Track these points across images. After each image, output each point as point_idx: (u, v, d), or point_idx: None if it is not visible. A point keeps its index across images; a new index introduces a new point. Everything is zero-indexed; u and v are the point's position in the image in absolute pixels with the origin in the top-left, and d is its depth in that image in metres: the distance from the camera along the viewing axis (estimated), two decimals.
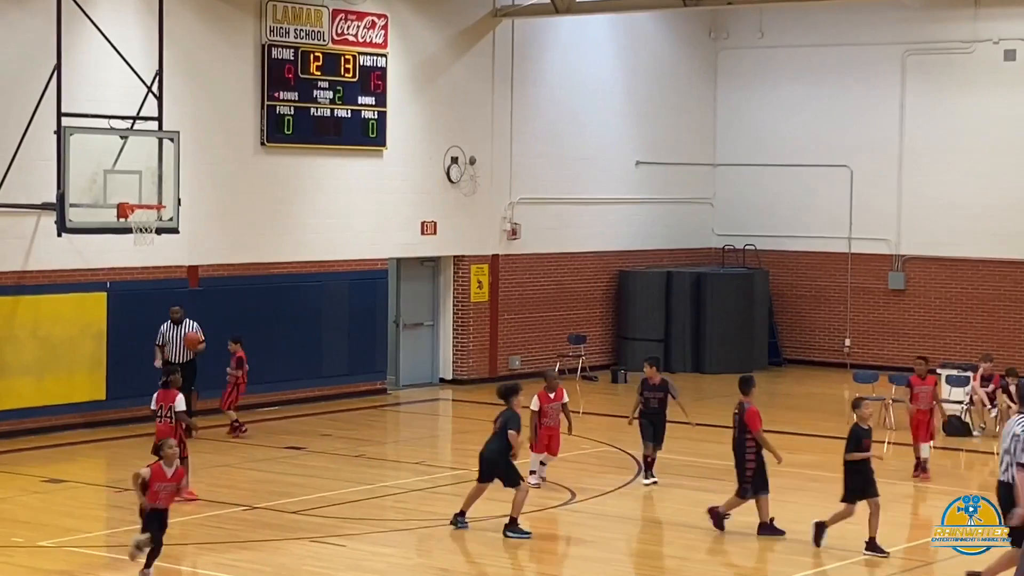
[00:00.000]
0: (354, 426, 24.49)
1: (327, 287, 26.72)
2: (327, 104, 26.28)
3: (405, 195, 27.89)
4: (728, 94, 33.76)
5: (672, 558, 16.09)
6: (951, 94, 31.12)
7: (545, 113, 30.37)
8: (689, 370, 31.40)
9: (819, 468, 21.42)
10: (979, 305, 30.93)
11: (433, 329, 29.27)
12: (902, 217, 31.73)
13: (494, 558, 15.95)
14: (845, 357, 32.05)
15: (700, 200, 33.79)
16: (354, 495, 18.91)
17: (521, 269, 30.02)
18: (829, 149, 32.30)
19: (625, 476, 20.49)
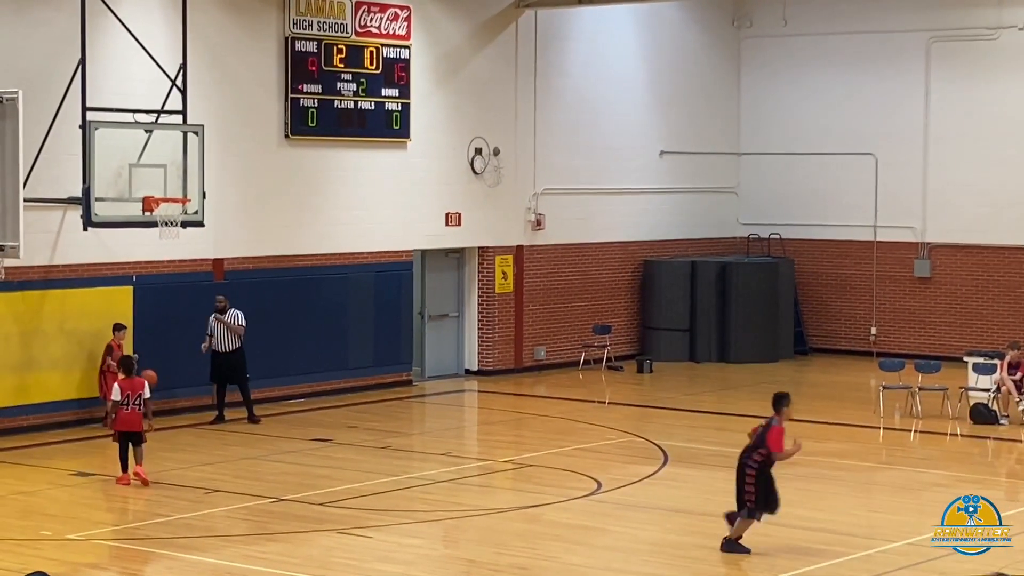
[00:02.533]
0: (380, 418, 24.53)
1: (352, 279, 26.76)
2: (351, 96, 26.31)
3: (429, 186, 27.91)
4: (752, 83, 33.69)
5: (699, 548, 16.08)
6: (976, 81, 31.01)
7: (568, 103, 30.35)
8: (715, 360, 31.36)
9: (845, 456, 21.41)
10: (1006, 292, 30.83)
11: (458, 320, 29.30)
12: (927, 204, 31.64)
13: (520, 549, 15.97)
14: (871, 345, 31.97)
15: (724, 189, 33.74)
16: (381, 486, 18.95)
17: (546, 260, 30.02)
18: (854, 137, 32.22)
19: (651, 466, 20.49)
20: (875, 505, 18.83)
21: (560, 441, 22.39)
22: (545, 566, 15.27)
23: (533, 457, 21.06)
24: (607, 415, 25.28)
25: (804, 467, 20.56)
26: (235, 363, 23.63)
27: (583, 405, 26.11)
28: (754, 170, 33.69)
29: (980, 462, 22.26)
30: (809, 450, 20.65)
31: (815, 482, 19.60)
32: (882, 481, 20.33)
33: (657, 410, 25.75)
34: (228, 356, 23.60)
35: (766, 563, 15.36)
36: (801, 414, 24.88)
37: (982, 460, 22.48)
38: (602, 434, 22.95)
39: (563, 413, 25.14)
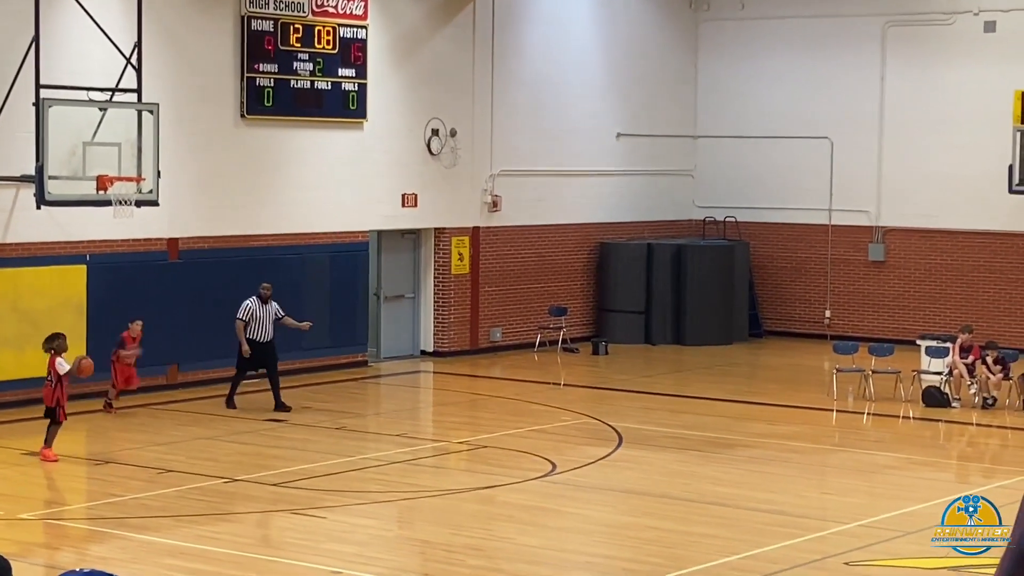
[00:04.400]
0: (335, 398, 24.50)
1: (308, 259, 26.70)
2: (307, 76, 26.22)
3: (386, 167, 27.86)
4: (709, 66, 33.75)
5: (652, 529, 16.13)
6: (931, 66, 31.15)
7: (526, 85, 30.34)
8: (670, 342, 31.45)
9: (799, 439, 21.50)
10: (959, 277, 31.02)
11: (414, 301, 29.28)
12: (882, 189, 31.78)
13: (475, 530, 15.98)
14: (825, 328, 32.12)
15: (681, 172, 33.80)
16: (335, 467, 18.93)
17: (502, 241, 30.02)
18: (810, 121, 32.33)
19: (606, 448, 20.54)
20: (828, 487, 18.94)
21: (515, 422, 22.42)
22: (499, 547, 15.28)
23: (488, 438, 21.08)
24: (562, 397, 25.33)
25: (758, 449, 20.66)
26: (270, 351, 23.11)
27: (538, 387, 26.14)
28: (710, 153, 33.77)
29: (932, 445, 22.41)
30: (763, 432, 20.79)
31: (769, 464, 19.69)
32: (835, 463, 20.44)
33: (612, 392, 25.81)
34: (264, 345, 23.09)
35: (719, 545, 15.41)
36: (755, 396, 25.04)
37: (934, 443, 22.63)
38: (557, 416, 22.98)
39: (518, 394, 25.17)
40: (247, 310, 23.11)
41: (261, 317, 23.12)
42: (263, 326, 23.12)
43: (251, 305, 23.12)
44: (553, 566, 14.94)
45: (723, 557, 14.91)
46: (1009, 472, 19.03)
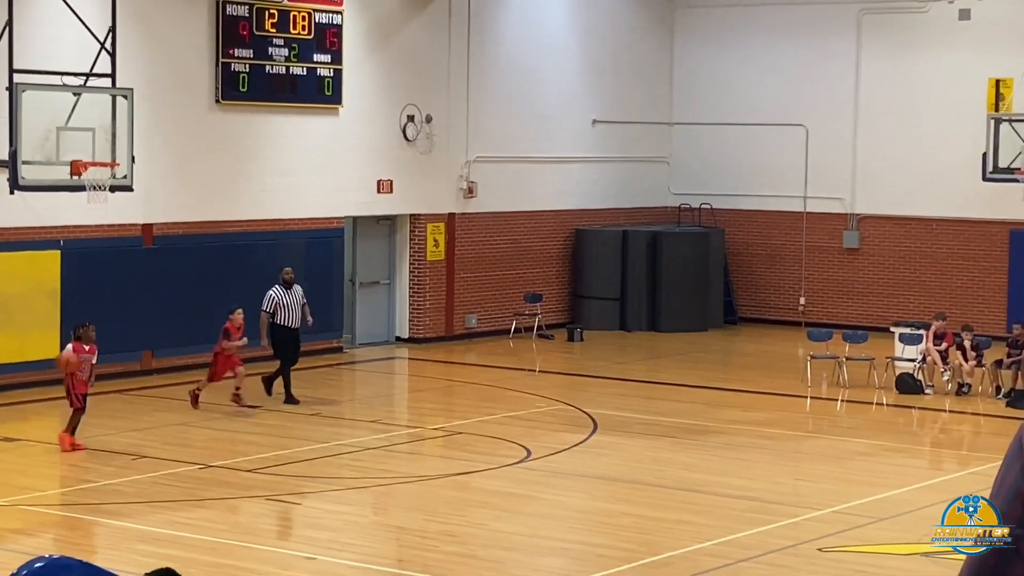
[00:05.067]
0: (310, 384, 24.46)
1: (283, 245, 26.64)
2: (282, 62, 26.16)
3: (361, 153, 27.82)
4: (684, 53, 33.76)
5: (626, 515, 16.17)
6: (906, 54, 31.21)
7: (501, 71, 30.32)
8: (644, 329, 31.48)
9: (773, 425, 21.55)
10: (932, 264, 31.11)
11: (389, 288, 29.26)
12: (857, 176, 31.85)
13: (449, 516, 16.00)
14: (799, 315, 32.18)
15: (656, 159, 33.82)
16: (310, 453, 18.92)
17: (477, 228, 30.01)
18: (785, 108, 32.37)
19: (580, 434, 20.56)
20: (802, 473, 18.99)
21: (490, 409, 22.43)
22: (473, 533, 15.30)
23: (463, 424, 21.09)
24: (537, 383, 25.34)
25: (732, 436, 20.72)
26: (298, 339, 22.67)
27: (513, 373, 26.16)
28: (686, 140, 33.79)
29: (905, 431, 22.50)
30: (737, 419, 20.85)
31: (743, 451, 19.75)
32: (809, 450, 20.50)
33: (587, 378, 25.85)
34: (295, 332, 22.57)
35: (693, 531, 15.46)
36: (729, 383, 25.10)
37: (907, 429, 22.71)
38: (532, 402, 23.00)
39: (493, 381, 25.18)
40: (271, 301, 22.47)
41: (289, 303, 22.51)
42: (293, 312, 22.48)
43: (275, 295, 22.55)
44: (527, 552, 14.97)
45: (697, 543, 14.96)
46: (982, 459, 19.11)
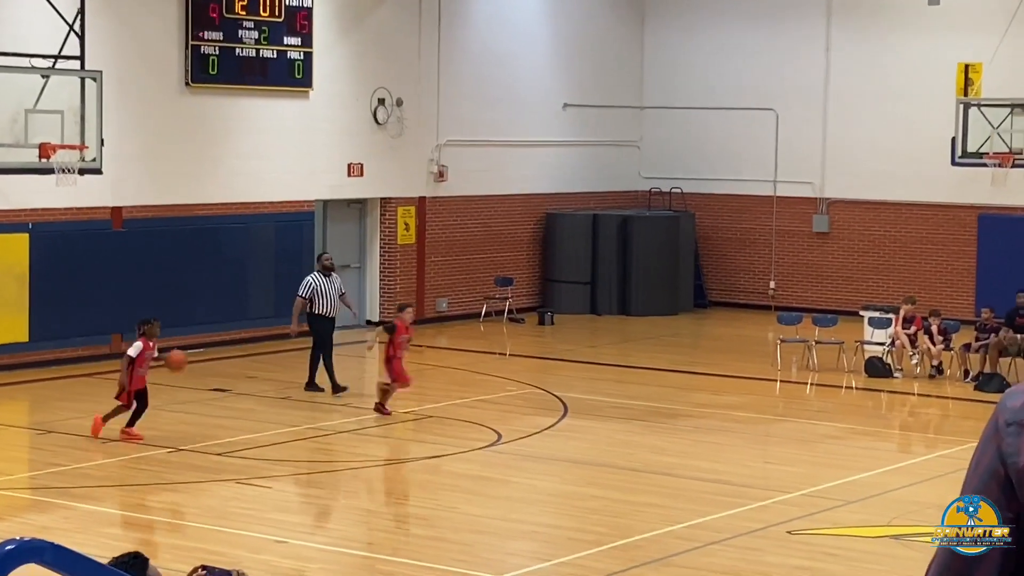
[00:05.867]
0: (280, 368, 24.43)
1: (253, 229, 26.59)
2: (252, 44, 26.07)
3: (331, 137, 27.76)
4: (655, 37, 33.77)
5: (597, 498, 16.21)
6: (876, 38, 31.26)
7: (472, 55, 30.28)
8: (615, 312, 31.51)
9: (743, 409, 21.62)
10: (901, 248, 31.21)
11: (360, 271, 29.22)
12: (826, 160, 31.92)
13: (420, 499, 16.01)
14: (769, 299, 32.26)
15: (627, 143, 33.84)
16: (280, 437, 18.89)
17: (448, 211, 29.99)
18: (755, 92, 32.40)
19: (551, 418, 20.59)
20: (771, 457, 19.06)
21: (461, 392, 22.44)
22: (445, 516, 15.32)
23: (434, 408, 21.09)
24: (508, 367, 25.36)
25: (702, 419, 20.78)
26: (333, 328, 22.14)
27: (484, 357, 26.17)
28: (656, 124, 33.82)
29: (874, 415, 22.58)
30: (707, 402, 20.91)
31: (713, 434, 19.80)
32: (779, 433, 20.58)
33: (557, 362, 25.88)
34: (331, 320, 22.08)
35: (663, 514, 15.51)
36: (700, 367, 25.16)
37: (876, 413, 22.80)
38: (503, 386, 23.01)
39: (464, 365, 25.18)
40: (308, 287, 21.98)
41: (327, 290, 21.96)
42: (330, 299, 21.94)
43: (313, 281, 22.04)
44: (498, 535, 15.00)
45: (667, 526, 15.01)
46: (950, 442, 19.20)
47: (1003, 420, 2.89)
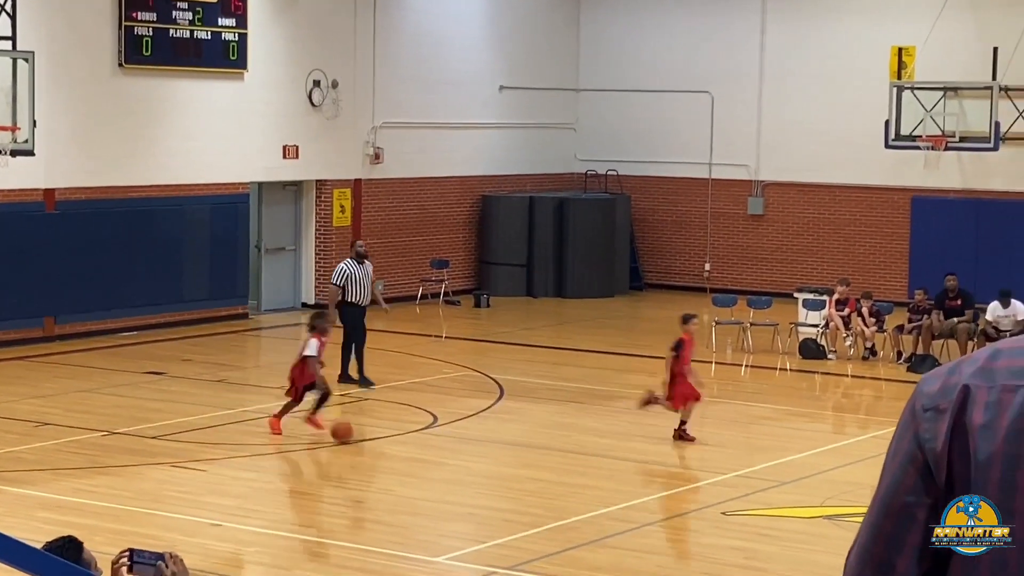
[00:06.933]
0: (215, 351, 24.34)
1: (188, 211, 26.44)
2: (186, 25, 25.89)
3: (266, 118, 27.63)
4: (591, 19, 33.79)
5: (533, 480, 16.24)
6: (810, 20, 31.40)
7: (408, 37, 30.19)
8: (551, 295, 31.55)
9: None
10: (835, 230, 31.41)
11: (295, 254, 29.12)
12: (761, 143, 32.07)
13: (356, 482, 16.00)
14: (704, 281, 32.39)
15: (563, 125, 33.87)
16: (215, 420, 18.82)
17: (384, 194, 29.92)
18: (690, 75, 32.49)
19: (487, 400, 20.61)
20: (706, 438, 19.10)
21: (397, 375, 22.40)
22: (380, 499, 15.32)
23: (369, 390, 21.05)
24: (444, 349, 25.36)
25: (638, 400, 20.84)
26: (364, 316, 21.41)
27: (420, 339, 26.15)
28: (592, 106, 33.86)
29: (808, 396, 22.73)
30: (644, 384, 20.93)
31: (648, 416, 19.86)
32: (714, 414, 20.64)
33: (493, 344, 25.90)
34: (363, 310, 21.33)
35: (599, 496, 15.56)
36: (635, 349, 25.24)
37: (810, 394, 22.95)
38: (439, 368, 23.00)
39: (400, 347, 25.14)
40: (342, 274, 21.25)
41: (360, 278, 21.26)
42: (362, 288, 21.28)
43: (347, 268, 21.30)
44: (434, 517, 15.01)
45: (603, 508, 15.06)
46: (883, 423, 19.35)
47: (920, 405, 2.91)
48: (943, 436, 2.83)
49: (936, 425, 2.85)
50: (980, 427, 2.79)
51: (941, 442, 2.83)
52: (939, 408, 2.85)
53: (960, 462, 2.81)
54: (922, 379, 2.93)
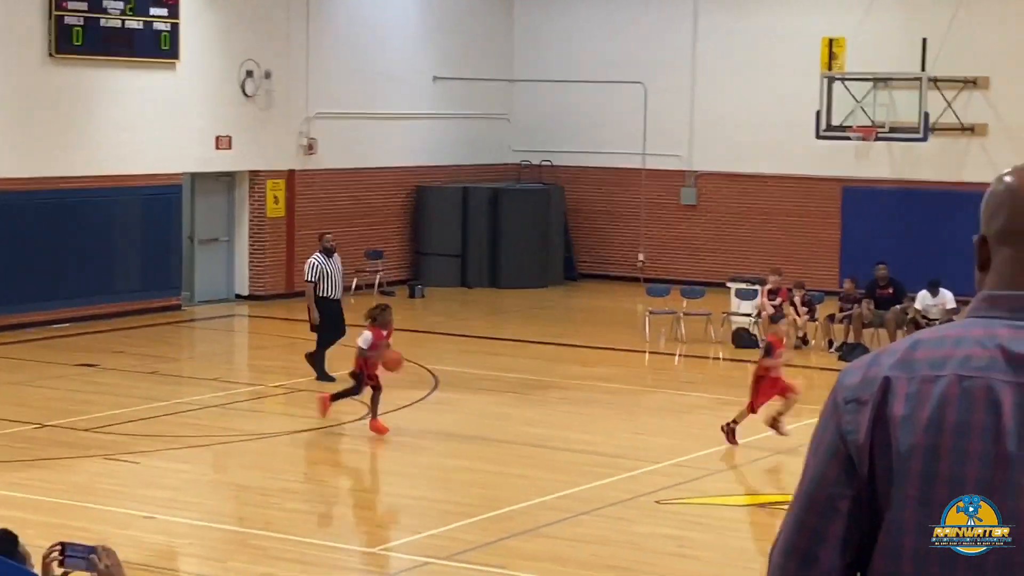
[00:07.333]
0: (148, 342, 24.22)
1: (120, 202, 26.28)
2: (118, 15, 25.73)
3: (199, 109, 27.49)
4: (524, 10, 33.82)
5: (468, 471, 16.28)
6: (742, 11, 31.55)
7: (342, 27, 30.12)
8: (486, 285, 31.59)
9: (613, 380, 21.79)
10: (768, 220, 31.59)
11: (229, 245, 29.01)
12: (694, 133, 32.21)
13: (290, 473, 15.98)
14: (638, 271, 32.51)
15: (497, 116, 33.88)
16: (148, 412, 18.73)
17: (318, 184, 29.85)
18: (624, 65, 32.57)
19: (422, 391, 20.62)
20: (640, 427, 19.22)
21: (332, 366, 22.34)
22: (314, 490, 15.31)
23: (304, 382, 21.02)
24: None
25: (574, 391, 20.92)
26: (341, 311, 21.15)
27: (354, 330, 26.01)
28: (526, 97, 33.90)
29: (741, 385, 22.76)
30: (578, 374, 21.05)
31: (584, 406, 19.95)
32: (648, 404, 20.78)
33: (428, 335, 25.90)
34: (337, 303, 21.11)
35: (534, 485, 15.60)
36: (570, 339, 25.31)
37: (743, 383, 22.99)
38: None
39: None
40: (314, 269, 20.97)
41: (331, 272, 21.04)
42: (334, 282, 21.06)
43: (316, 262, 21.04)
44: (370, 508, 15.02)
45: (538, 497, 15.11)
46: (814, 412, 19.41)
47: (841, 398, 2.94)
48: (865, 428, 2.87)
49: (858, 417, 2.89)
50: (901, 419, 2.83)
51: (863, 434, 2.87)
52: (860, 400, 2.89)
53: (882, 454, 2.85)
54: (843, 372, 2.97)
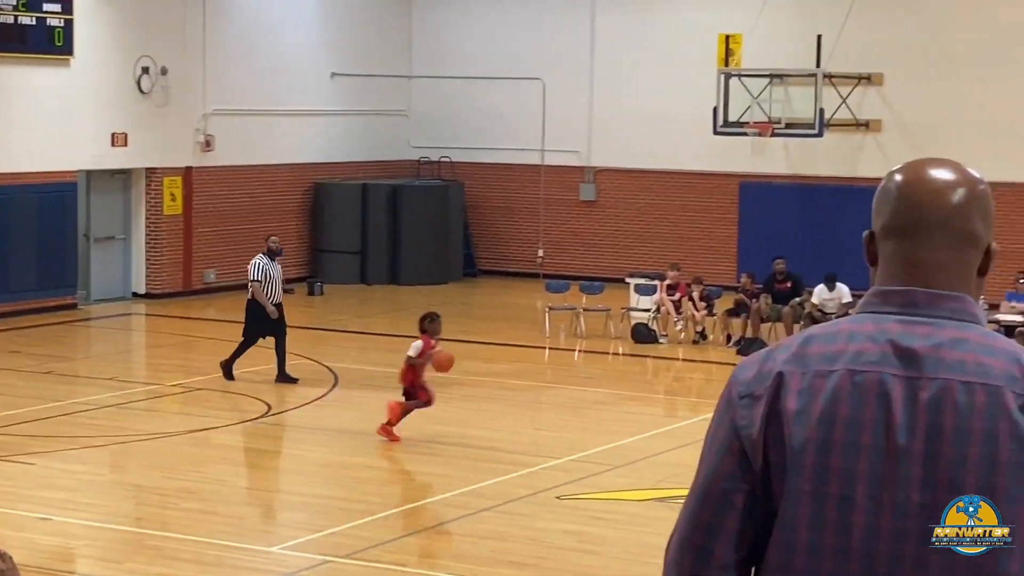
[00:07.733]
0: (43, 342, 23.93)
1: (13, 200, 25.94)
2: (10, 11, 25.38)
3: (94, 106, 27.20)
4: (423, 6, 33.78)
5: (367, 468, 16.24)
6: (640, 7, 31.71)
7: (239, 23, 29.92)
8: (385, 282, 31.52)
9: (513, 376, 21.83)
10: (666, 216, 31.78)
11: (125, 242, 28.73)
12: (593, 129, 32.32)
13: (188, 472, 15.85)
14: (538, 267, 32.59)
15: (396, 112, 33.82)
16: (43, 412, 18.51)
17: (215, 181, 29.63)
18: (522, 61, 32.62)
19: (321, 388, 20.54)
20: (541, 423, 19.27)
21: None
22: (213, 489, 15.20)
23: (202, 380, 20.88)
24: None
25: (473, 387, 20.92)
26: (281, 315, 20.71)
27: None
28: (425, 93, 33.86)
29: (640, 380, 23.00)
30: (478, 371, 21.06)
31: (484, 402, 19.97)
32: (548, 400, 20.83)
33: (328, 332, 25.81)
34: (279, 306, 20.70)
35: (435, 482, 15.60)
36: (470, 335, 25.31)
37: (642, 378, 23.22)
38: (272, 357, 22.85)
39: (233, 336, 24.80)
40: (259, 269, 20.60)
41: (274, 276, 20.67)
42: (276, 286, 20.68)
43: (261, 263, 20.68)
44: (268, 507, 14.94)
45: (438, 494, 15.11)
46: (713, 406, 19.58)
47: (735, 393, 2.96)
48: (759, 423, 2.89)
49: (752, 412, 2.91)
50: (794, 413, 2.85)
51: (757, 429, 2.89)
52: (754, 395, 2.91)
53: (775, 448, 2.87)
54: (737, 367, 2.99)
